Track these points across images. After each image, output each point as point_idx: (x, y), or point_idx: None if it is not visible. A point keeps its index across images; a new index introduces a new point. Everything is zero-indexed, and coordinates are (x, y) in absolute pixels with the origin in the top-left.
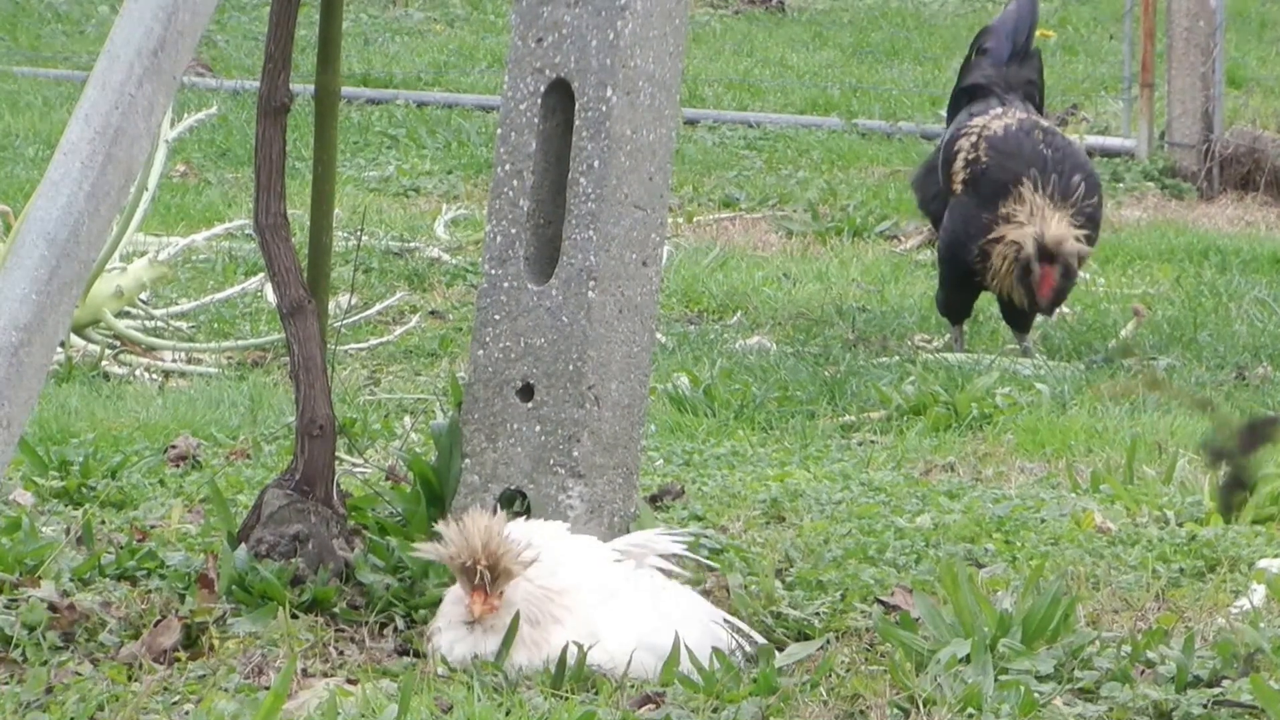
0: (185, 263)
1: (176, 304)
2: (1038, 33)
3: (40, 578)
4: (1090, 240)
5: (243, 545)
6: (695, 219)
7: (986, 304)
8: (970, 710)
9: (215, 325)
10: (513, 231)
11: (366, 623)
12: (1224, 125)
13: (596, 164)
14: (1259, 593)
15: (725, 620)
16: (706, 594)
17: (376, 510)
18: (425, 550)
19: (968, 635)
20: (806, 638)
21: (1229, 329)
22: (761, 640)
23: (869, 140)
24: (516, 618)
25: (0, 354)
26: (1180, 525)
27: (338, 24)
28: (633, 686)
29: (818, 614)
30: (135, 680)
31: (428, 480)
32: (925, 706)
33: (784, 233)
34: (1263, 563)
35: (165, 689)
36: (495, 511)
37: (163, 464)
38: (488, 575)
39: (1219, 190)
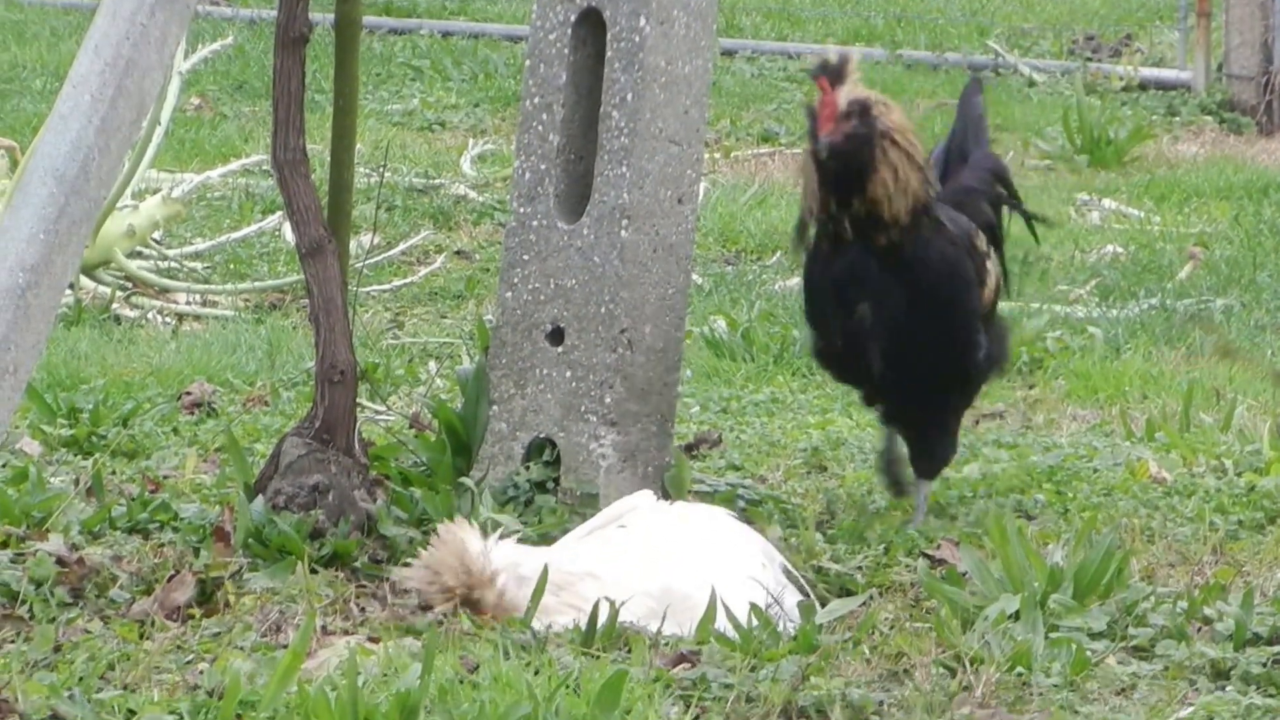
0: (200, 200)
1: (191, 244)
2: None
3: (48, 530)
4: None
5: (260, 496)
6: (733, 154)
7: None
8: (1019, 669)
9: (231, 266)
10: (542, 168)
11: (389, 578)
12: None
13: (629, 97)
14: None
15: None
16: None
17: (400, 460)
18: (406, 577)
19: (1017, 590)
20: (849, 593)
21: None
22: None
23: (914, 72)
24: (544, 577)
25: (6, 297)
26: (1239, 475)
27: None
28: (667, 644)
29: (860, 568)
30: (147, 638)
31: (453, 428)
32: (972, 665)
33: None
34: None
35: (178, 647)
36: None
37: (176, 411)
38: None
39: (1279, 124)
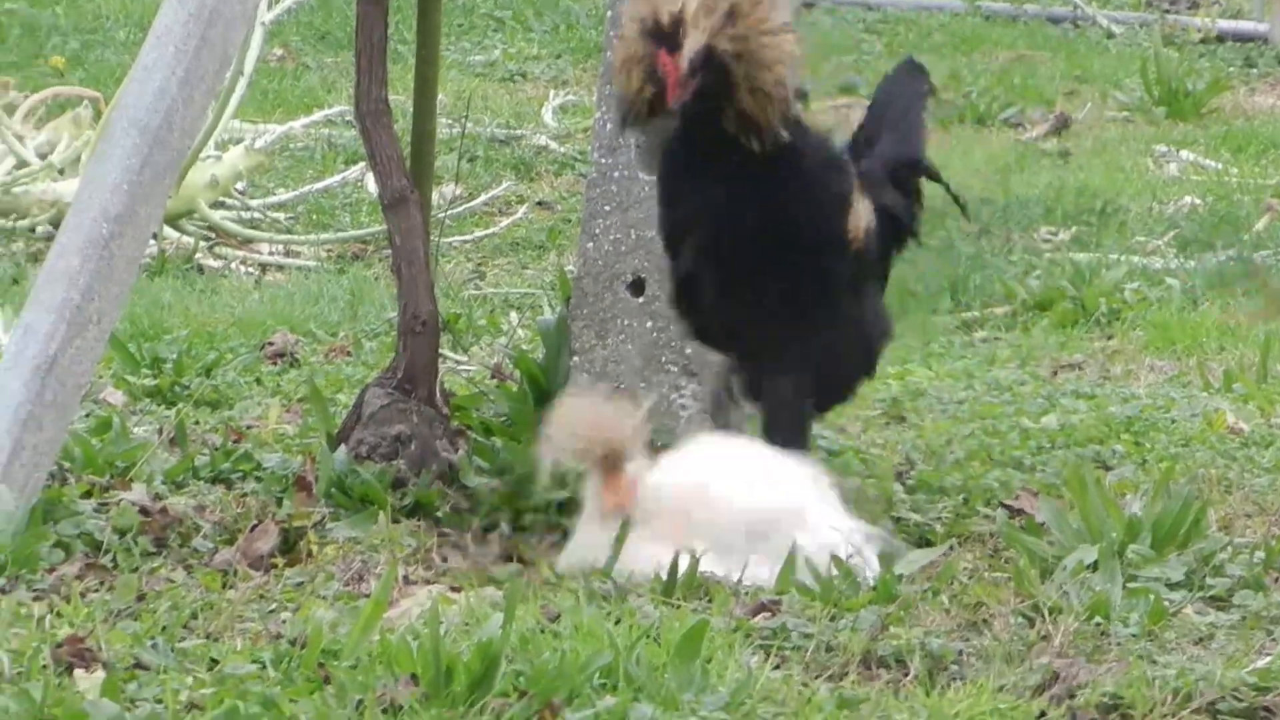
0: (283, 151)
1: (274, 194)
2: None
3: (131, 480)
4: None
5: (342, 446)
6: (812, 105)
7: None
8: (1097, 618)
9: (314, 216)
10: None
11: (471, 528)
12: None
13: None
14: None
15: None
16: None
17: (481, 410)
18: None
19: (1095, 541)
20: (928, 543)
21: None
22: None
23: (993, 24)
24: (625, 526)
25: (91, 246)
26: None
27: None
28: (747, 594)
29: (939, 518)
30: (230, 587)
31: (535, 379)
32: (1051, 615)
33: None
34: None
35: (261, 597)
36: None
37: (259, 361)
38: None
39: None
